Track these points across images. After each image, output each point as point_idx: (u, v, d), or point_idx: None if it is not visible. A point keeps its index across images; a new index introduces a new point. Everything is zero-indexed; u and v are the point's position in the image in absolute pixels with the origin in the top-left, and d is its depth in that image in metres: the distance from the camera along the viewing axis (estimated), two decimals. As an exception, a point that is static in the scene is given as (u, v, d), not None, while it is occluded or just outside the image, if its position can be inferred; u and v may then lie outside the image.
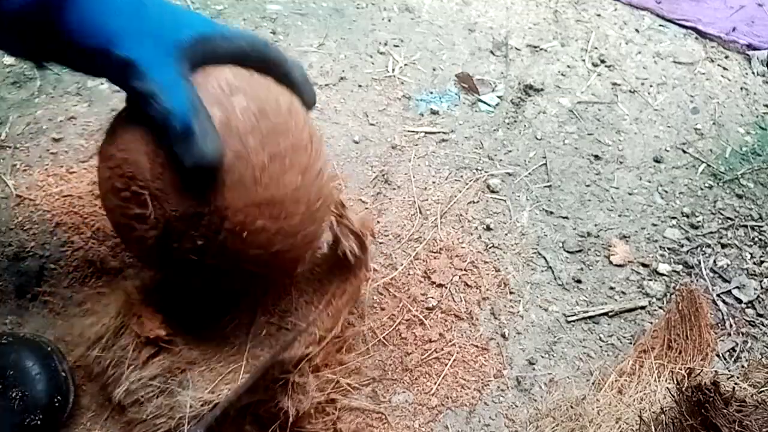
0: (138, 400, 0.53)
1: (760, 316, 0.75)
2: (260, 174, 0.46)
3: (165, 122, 0.42)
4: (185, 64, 0.45)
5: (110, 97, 0.83)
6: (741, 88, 1.04)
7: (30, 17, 0.41)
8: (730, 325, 0.74)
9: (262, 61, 0.50)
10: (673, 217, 0.84)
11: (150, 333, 0.53)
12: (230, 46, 0.48)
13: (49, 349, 0.58)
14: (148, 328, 0.54)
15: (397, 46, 0.99)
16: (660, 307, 0.74)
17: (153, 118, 0.43)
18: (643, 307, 0.74)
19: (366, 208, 0.78)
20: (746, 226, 0.84)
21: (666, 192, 0.87)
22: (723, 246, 0.82)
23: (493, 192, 0.83)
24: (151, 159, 0.46)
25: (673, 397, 0.52)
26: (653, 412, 0.56)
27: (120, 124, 0.49)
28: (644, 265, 0.78)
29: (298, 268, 0.60)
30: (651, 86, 1.01)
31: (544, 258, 0.77)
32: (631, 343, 0.71)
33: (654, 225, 0.83)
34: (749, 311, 0.76)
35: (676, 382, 0.52)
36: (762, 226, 0.85)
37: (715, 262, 0.80)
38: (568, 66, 1.02)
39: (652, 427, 0.54)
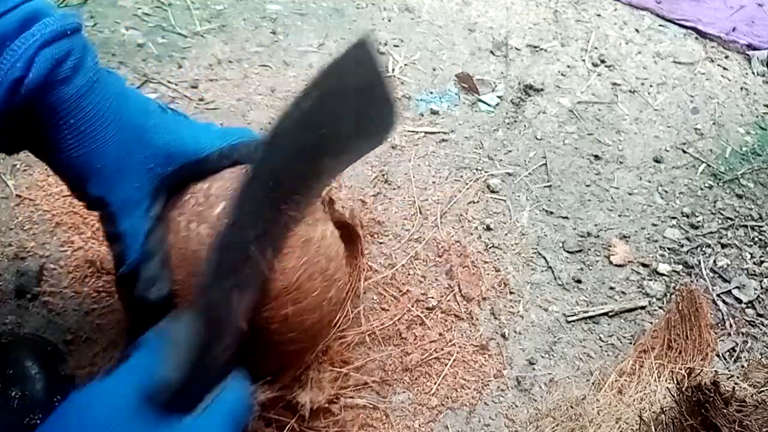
0: None
1: (760, 316, 0.75)
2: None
3: (118, 265, 0.45)
4: (161, 198, 0.47)
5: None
6: (741, 88, 1.04)
7: (11, 123, 0.40)
8: (730, 325, 0.74)
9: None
10: (673, 217, 0.84)
11: None
12: (223, 163, 0.50)
13: (49, 349, 0.58)
14: None
15: (397, 46, 0.99)
16: (660, 307, 0.74)
17: (113, 256, 0.46)
18: (643, 307, 0.74)
19: (366, 208, 0.78)
20: (746, 226, 0.84)
21: (666, 192, 0.87)
22: (723, 246, 0.82)
23: (493, 192, 0.83)
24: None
25: (673, 397, 0.52)
26: (653, 412, 0.56)
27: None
28: (644, 265, 0.78)
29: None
30: (651, 86, 1.01)
31: (544, 258, 0.77)
32: (631, 343, 0.71)
33: (654, 225, 0.83)
34: (749, 311, 0.76)
35: (676, 382, 0.52)
36: (762, 226, 0.85)
37: (715, 262, 0.80)
38: (568, 66, 1.02)
39: (652, 427, 0.54)
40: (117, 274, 0.46)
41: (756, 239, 0.83)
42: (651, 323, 0.72)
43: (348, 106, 0.52)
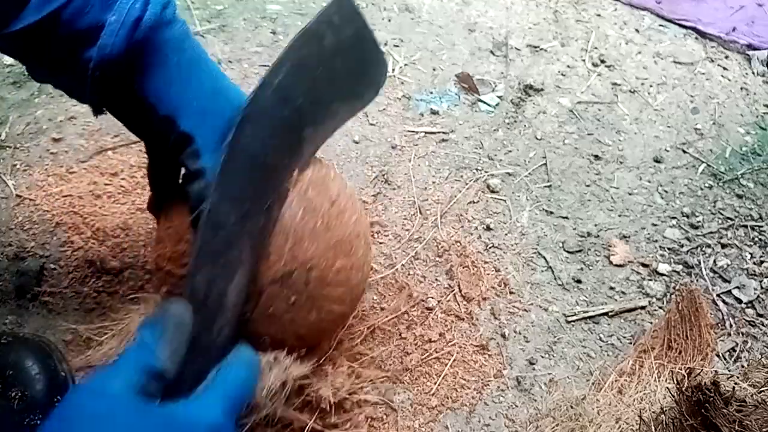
0: None
1: (760, 316, 0.75)
2: (326, 220, 0.51)
3: (202, 198, 0.46)
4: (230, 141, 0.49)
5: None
6: (741, 88, 1.04)
7: (112, 71, 0.44)
8: (730, 325, 0.74)
9: None
10: (673, 217, 0.84)
11: None
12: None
13: (49, 349, 0.58)
14: None
15: (397, 46, 0.99)
16: (660, 307, 0.74)
17: (191, 194, 0.46)
18: (643, 307, 0.74)
19: (366, 209, 0.78)
20: (746, 226, 0.84)
21: (666, 192, 0.87)
22: (723, 246, 0.82)
23: (493, 192, 0.83)
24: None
25: (673, 397, 0.52)
26: (653, 412, 0.56)
27: (171, 221, 0.51)
28: (644, 265, 0.78)
29: None
30: (651, 86, 1.01)
31: (544, 258, 0.77)
32: (631, 343, 0.71)
33: (654, 225, 0.83)
34: (749, 311, 0.76)
35: (676, 382, 0.52)
36: (762, 226, 0.85)
37: (715, 262, 0.80)
38: (568, 66, 1.02)
39: (652, 427, 0.54)
40: (194, 213, 0.45)
41: (756, 239, 0.83)
42: (651, 323, 0.72)
43: (328, 70, 0.53)
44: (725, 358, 0.71)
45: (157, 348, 0.38)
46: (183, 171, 0.48)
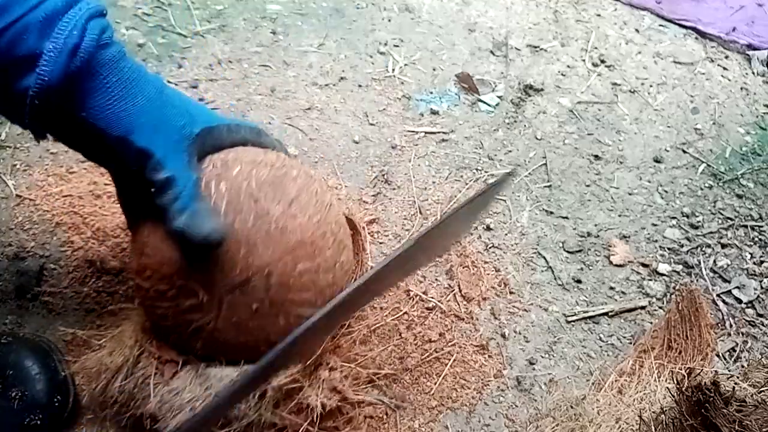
0: (171, 402, 0.53)
1: (760, 316, 0.75)
2: (281, 223, 0.49)
3: (176, 208, 0.46)
4: (193, 155, 0.49)
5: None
6: (741, 88, 1.04)
7: (52, 98, 0.43)
8: (730, 325, 0.74)
9: (258, 146, 0.56)
10: (673, 217, 0.84)
11: (174, 356, 0.53)
12: (232, 136, 0.53)
13: (49, 349, 0.58)
14: (174, 351, 0.53)
15: (397, 46, 0.99)
16: (660, 307, 0.74)
17: (165, 205, 0.46)
18: (643, 307, 0.74)
19: (366, 209, 0.78)
20: (746, 226, 0.84)
21: (666, 192, 0.87)
22: (723, 246, 0.82)
23: (493, 192, 0.83)
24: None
25: (673, 397, 0.52)
26: (653, 412, 0.56)
27: (139, 236, 0.51)
28: (644, 265, 0.78)
29: None
30: (651, 86, 1.01)
31: (544, 258, 0.77)
32: (631, 343, 0.71)
33: (654, 225, 0.83)
34: (749, 311, 0.76)
35: (676, 382, 0.52)
36: (762, 226, 0.85)
37: (715, 262, 0.80)
38: (568, 66, 1.02)
39: (652, 427, 0.54)
40: (171, 222, 0.46)
41: (756, 239, 0.83)
42: (651, 323, 0.72)
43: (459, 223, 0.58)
44: (725, 358, 0.71)
45: None
46: (153, 188, 0.48)
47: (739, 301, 0.76)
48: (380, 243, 0.75)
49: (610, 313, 0.73)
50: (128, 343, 0.54)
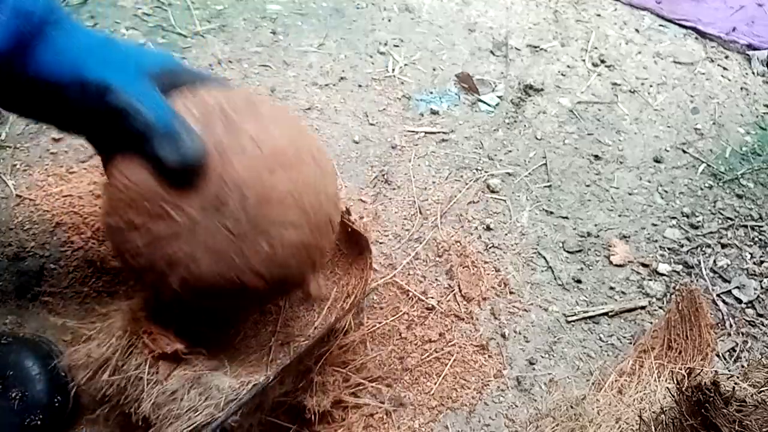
0: (167, 407, 0.51)
1: (760, 316, 0.75)
2: (255, 137, 0.47)
3: (147, 129, 0.44)
4: (153, 85, 0.47)
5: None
6: (741, 88, 1.04)
7: (2, 65, 0.43)
8: (730, 325, 0.74)
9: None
10: (673, 217, 0.84)
11: (167, 348, 0.52)
12: (189, 77, 0.51)
13: (49, 349, 0.58)
14: (164, 343, 0.52)
15: (397, 46, 0.99)
16: (660, 307, 0.74)
17: (134, 130, 0.44)
18: (643, 307, 0.74)
19: (366, 209, 0.78)
20: (746, 226, 0.84)
21: (666, 192, 0.87)
22: (723, 246, 0.82)
23: (493, 192, 0.83)
24: (156, 175, 0.46)
25: (673, 397, 0.52)
26: (653, 412, 0.56)
27: (109, 175, 0.49)
28: (644, 265, 0.78)
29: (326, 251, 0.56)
30: (651, 86, 1.01)
31: (544, 258, 0.77)
32: (631, 343, 0.71)
33: (654, 225, 0.83)
34: (749, 311, 0.76)
35: (676, 382, 0.52)
36: (762, 226, 0.85)
37: (715, 262, 0.80)
38: (568, 66, 1.02)
39: (652, 427, 0.54)
40: (145, 146, 0.44)
41: (756, 239, 0.83)
42: (651, 323, 0.72)
43: None
44: (725, 358, 0.71)
45: None
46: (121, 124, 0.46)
47: (739, 301, 0.76)
48: (380, 243, 0.75)
49: (610, 313, 0.73)
50: (117, 333, 0.53)
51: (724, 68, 1.06)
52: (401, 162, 0.84)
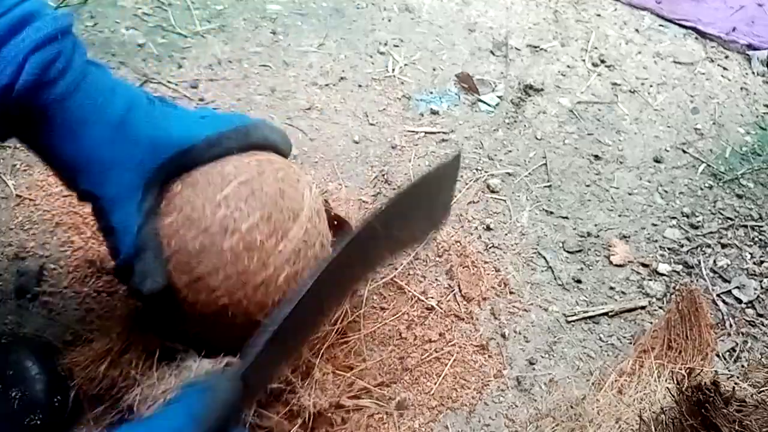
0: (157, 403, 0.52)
1: (760, 316, 0.75)
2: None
3: (113, 257, 0.47)
4: (153, 191, 0.48)
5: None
6: (741, 88, 1.04)
7: (4, 120, 0.42)
8: (730, 325, 0.74)
9: (248, 147, 0.53)
10: (673, 217, 0.84)
11: (163, 347, 0.53)
12: (212, 151, 0.50)
13: (49, 349, 0.58)
14: (159, 342, 0.53)
15: (397, 46, 0.99)
16: (660, 307, 0.74)
17: (108, 248, 0.48)
18: (643, 307, 0.74)
19: (366, 209, 0.78)
20: (746, 226, 0.84)
21: (666, 192, 0.87)
22: (723, 246, 0.82)
23: (493, 192, 0.83)
24: None
25: (673, 397, 0.52)
26: (653, 412, 0.56)
27: None
28: (644, 265, 0.78)
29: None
30: (651, 86, 1.01)
31: (544, 258, 0.77)
32: (631, 343, 0.71)
33: (654, 225, 0.83)
34: (749, 311, 0.76)
35: (676, 382, 0.52)
36: (762, 226, 0.85)
37: (715, 262, 0.80)
38: (568, 66, 1.02)
39: (652, 427, 0.54)
40: (112, 267, 0.47)
41: (756, 239, 0.83)
42: (651, 323, 0.72)
43: (417, 208, 0.58)
44: (725, 358, 0.71)
45: (198, 413, 0.40)
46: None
47: (739, 301, 0.76)
48: (380, 243, 0.75)
49: (610, 313, 0.73)
50: (115, 330, 0.54)
51: (724, 68, 1.06)
52: (401, 162, 0.84)
